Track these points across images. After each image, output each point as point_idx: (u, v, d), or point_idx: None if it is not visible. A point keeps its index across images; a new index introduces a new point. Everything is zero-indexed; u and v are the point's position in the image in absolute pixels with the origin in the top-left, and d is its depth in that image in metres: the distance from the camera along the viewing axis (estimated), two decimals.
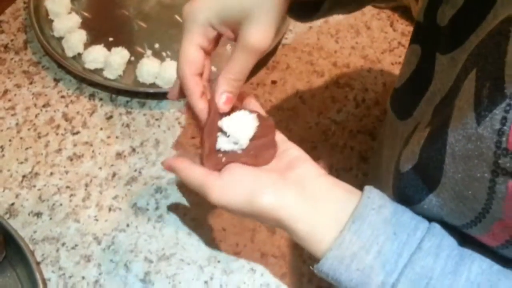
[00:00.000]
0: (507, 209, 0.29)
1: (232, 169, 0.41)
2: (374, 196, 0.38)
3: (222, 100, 0.41)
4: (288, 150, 0.43)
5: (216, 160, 0.42)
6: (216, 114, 0.42)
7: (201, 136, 0.43)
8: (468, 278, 0.33)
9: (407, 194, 0.37)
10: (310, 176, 0.40)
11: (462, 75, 0.33)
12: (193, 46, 0.40)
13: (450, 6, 0.38)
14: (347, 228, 0.36)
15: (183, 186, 0.60)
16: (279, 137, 0.44)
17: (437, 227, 0.36)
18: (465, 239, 0.35)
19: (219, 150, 0.42)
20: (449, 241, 0.35)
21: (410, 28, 0.77)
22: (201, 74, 0.43)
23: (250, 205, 0.38)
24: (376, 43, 0.75)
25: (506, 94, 0.28)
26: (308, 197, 0.38)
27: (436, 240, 0.35)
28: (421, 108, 0.43)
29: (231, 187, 0.40)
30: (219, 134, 0.42)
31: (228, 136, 0.42)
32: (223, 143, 0.42)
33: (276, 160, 0.42)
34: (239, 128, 0.42)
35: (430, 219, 0.37)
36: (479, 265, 0.33)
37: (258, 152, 0.42)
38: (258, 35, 0.39)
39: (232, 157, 0.42)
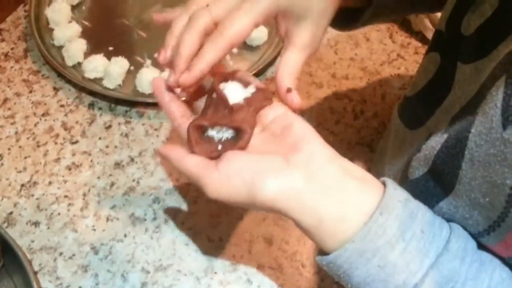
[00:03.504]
0: None
1: (229, 158, 0.37)
2: (398, 188, 0.35)
3: (297, 97, 0.40)
4: (292, 125, 0.38)
5: (210, 148, 0.39)
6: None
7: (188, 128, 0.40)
8: (489, 286, 0.32)
9: None
10: (318, 161, 0.36)
11: (489, 82, 0.33)
12: (252, 26, 0.37)
13: (477, 16, 0.38)
14: (373, 220, 0.33)
15: (181, 196, 0.60)
16: (281, 109, 0.41)
17: (460, 228, 0.34)
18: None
19: (211, 138, 0.39)
20: (472, 245, 0.34)
21: (409, 40, 0.77)
22: None
23: (251, 198, 0.35)
24: (375, 54, 0.75)
25: None
26: (315, 186, 0.35)
27: (463, 243, 0.33)
28: (436, 117, 0.42)
29: (228, 179, 0.36)
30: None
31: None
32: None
33: (279, 138, 0.38)
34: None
35: None
36: (499, 274, 0.32)
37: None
38: (312, 36, 0.40)
39: (228, 145, 0.39)
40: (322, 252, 0.36)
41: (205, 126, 0.39)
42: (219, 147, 0.38)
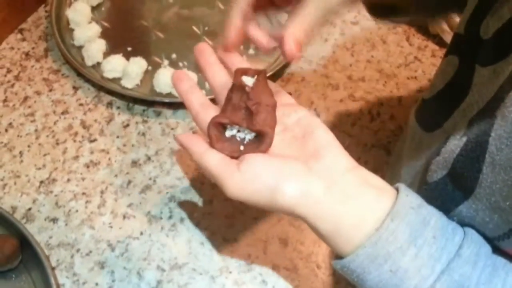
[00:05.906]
0: None
1: (251, 160, 0.37)
2: (411, 195, 0.36)
3: (292, 46, 0.38)
4: (314, 131, 0.39)
5: (231, 147, 0.39)
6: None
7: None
8: None
9: (435, 205, 0.36)
10: (339, 169, 0.37)
11: (507, 85, 0.33)
12: None
13: (495, 19, 0.38)
14: (384, 226, 0.34)
15: (197, 195, 0.60)
16: (303, 111, 0.41)
17: (474, 234, 0.34)
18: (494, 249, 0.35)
19: (233, 137, 0.40)
20: (486, 250, 0.34)
21: (426, 43, 0.77)
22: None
23: (272, 201, 0.36)
24: (392, 57, 0.75)
25: None
26: (334, 194, 0.36)
27: (475, 248, 0.33)
28: (453, 120, 0.42)
29: (250, 181, 0.36)
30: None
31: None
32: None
33: (300, 142, 0.39)
34: None
35: None
36: None
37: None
38: None
39: (250, 147, 0.39)
40: (338, 256, 0.36)
41: (225, 124, 0.40)
42: (241, 148, 0.39)
